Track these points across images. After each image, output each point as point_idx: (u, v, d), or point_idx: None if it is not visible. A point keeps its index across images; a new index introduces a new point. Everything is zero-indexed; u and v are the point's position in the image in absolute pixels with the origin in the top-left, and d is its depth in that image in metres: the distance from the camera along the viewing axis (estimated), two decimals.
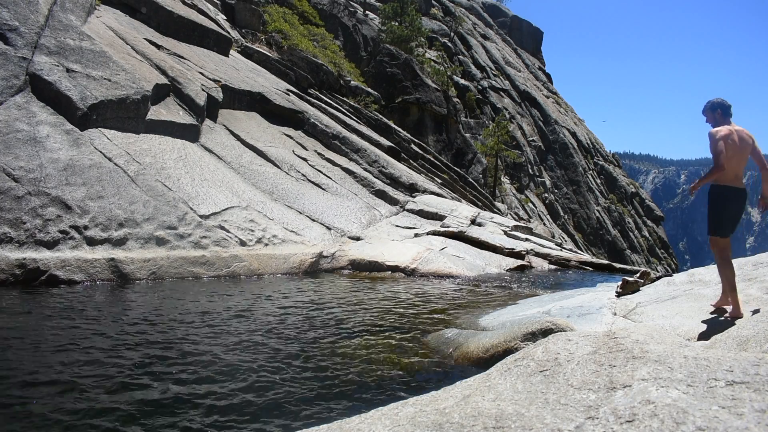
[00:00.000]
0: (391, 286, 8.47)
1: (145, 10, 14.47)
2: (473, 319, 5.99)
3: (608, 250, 40.19)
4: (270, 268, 8.75)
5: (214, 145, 11.61)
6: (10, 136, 7.66)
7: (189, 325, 5.39)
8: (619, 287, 6.17)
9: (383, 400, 3.47)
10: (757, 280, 5.06)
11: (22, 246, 6.78)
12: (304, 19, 25.98)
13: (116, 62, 10.34)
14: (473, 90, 39.44)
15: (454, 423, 1.92)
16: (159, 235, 8.05)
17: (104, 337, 4.77)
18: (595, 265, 12.76)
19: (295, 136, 14.76)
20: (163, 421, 3.19)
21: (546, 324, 4.45)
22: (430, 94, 28.74)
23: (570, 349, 2.42)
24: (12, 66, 8.47)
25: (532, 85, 50.10)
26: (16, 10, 9.16)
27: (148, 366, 4.09)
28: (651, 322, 4.64)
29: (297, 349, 4.76)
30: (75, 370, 3.92)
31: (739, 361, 1.88)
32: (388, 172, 15.37)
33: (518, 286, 9.05)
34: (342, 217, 11.57)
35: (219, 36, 16.76)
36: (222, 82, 13.70)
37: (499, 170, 34.73)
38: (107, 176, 8.28)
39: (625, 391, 1.87)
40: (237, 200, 9.81)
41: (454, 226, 12.66)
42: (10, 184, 7.12)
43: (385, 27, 31.90)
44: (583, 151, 46.63)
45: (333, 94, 21.67)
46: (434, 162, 22.67)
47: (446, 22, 45.86)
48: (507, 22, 62.33)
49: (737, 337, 3.13)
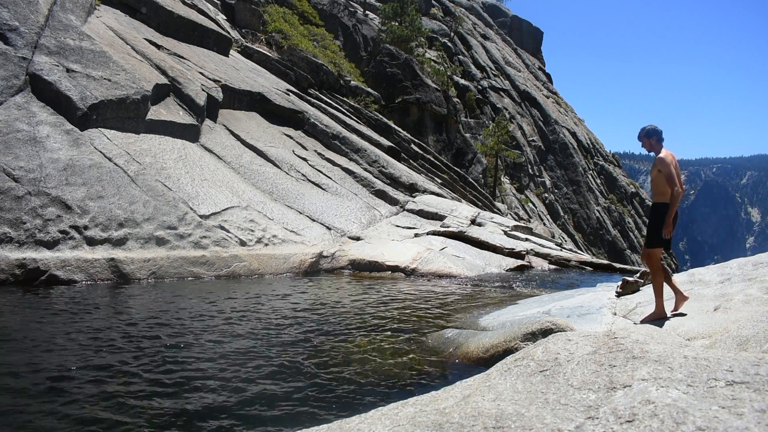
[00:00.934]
0: (391, 286, 8.47)
1: (145, 10, 14.47)
2: (473, 319, 5.99)
3: (608, 250, 40.20)
4: (270, 268, 8.75)
5: (214, 145, 11.61)
6: (10, 136, 7.66)
7: (188, 324, 5.40)
8: (619, 287, 6.17)
9: (383, 400, 3.47)
10: (757, 280, 5.06)
11: (22, 246, 6.78)
12: (304, 19, 25.98)
13: (116, 62, 10.34)
14: (473, 90, 39.44)
15: (454, 423, 1.92)
16: (159, 235, 8.05)
17: (104, 337, 4.77)
18: (595, 265, 12.76)
19: (295, 136, 14.76)
20: (162, 421, 3.19)
21: (546, 324, 4.45)
22: (430, 94, 28.74)
23: (570, 349, 2.42)
24: (12, 66, 8.47)
25: (532, 85, 50.10)
26: (16, 10, 9.16)
27: (148, 366, 4.09)
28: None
29: (296, 349, 4.76)
30: (73, 369, 3.92)
31: (739, 361, 1.88)
32: (388, 172, 15.37)
33: (518, 286, 9.05)
34: (342, 217, 11.57)
35: (219, 36, 16.76)
36: (222, 82, 13.70)
37: (499, 170, 34.74)
38: (107, 176, 8.28)
39: (625, 391, 1.87)
40: (237, 200, 9.80)
41: (454, 226, 12.66)
42: (10, 184, 7.12)
43: (385, 27, 31.90)
44: (583, 151, 46.63)
45: (333, 94, 21.67)
46: (434, 162, 22.67)
47: (446, 22, 45.86)
48: (507, 22, 62.33)
49: (737, 337, 3.13)
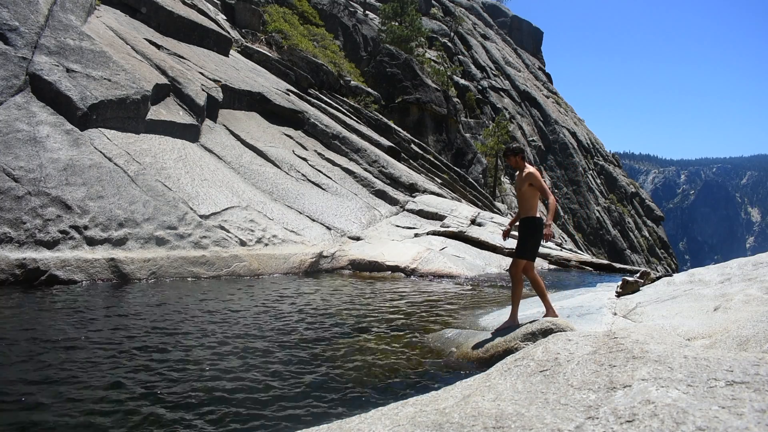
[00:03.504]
0: (391, 286, 8.47)
1: (145, 10, 14.47)
2: (473, 319, 5.99)
3: (608, 250, 40.21)
4: (270, 268, 8.75)
5: (214, 145, 11.61)
6: (10, 136, 7.66)
7: (188, 324, 5.39)
8: (619, 287, 6.18)
9: (383, 400, 3.46)
10: (757, 280, 5.06)
11: (22, 246, 6.78)
12: (304, 19, 25.98)
13: (116, 62, 10.33)
14: (473, 90, 39.45)
15: (454, 423, 1.92)
16: (159, 235, 8.05)
17: (102, 337, 4.76)
18: (595, 265, 12.75)
19: (295, 136, 14.76)
20: (162, 421, 3.19)
21: (546, 324, 4.45)
22: (430, 94, 28.73)
23: (570, 349, 2.41)
24: (12, 66, 8.47)
25: (532, 85, 50.11)
26: (16, 10, 9.16)
27: (146, 365, 4.09)
28: (651, 322, 4.64)
29: (296, 349, 4.76)
30: (71, 368, 3.91)
31: (739, 361, 1.88)
32: (388, 172, 15.37)
33: None
34: (342, 217, 11.57)
35: (219, 36, 16.76)
36: (222, 82, 13.70)
37: (499, 170, 34.74)
38: (107, 176, 8.28)
39: (625, 391, 1.87)
40: (237, 200, 9.80)
41: (454, 226, 12.65)
42: (10, 184, 7.12)
43: (385, 27, 31.90)
44: (583, 151, 46.63)
45: (333, 94, 21.67)
46: (434, 162, 22.67)
47: (446, 22, 45.86)
48: (507, 22, 62.36)
49: (737, 337, 3.13)
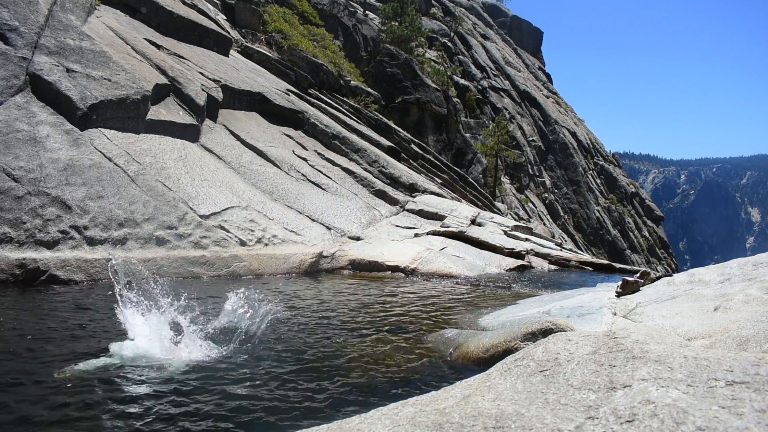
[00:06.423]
0: (391, 286, 8.47)
1: (145, 10, 14.47)
2: (473, 319, 5.99)
3: (608, 250, 40.21)
4: (270, 268, 8.75)
5: (214, 145, 11.61)
6: (10, 136, 7.66)
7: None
8: (619, 287, 6.17)
9: (383, 400, 3.47)
10: (757, 280, 5.06)
11: (22, 246, 6.78)
12: (304, 19, 25.98)
13: (116, 62, 10.33)
14: (473, 90, 39.45)
15: (454, 423, 1.92)
16: (159, 235, 8.05)
17: (102, 336, 4.76)
18: (595, 265, 12.76)
19: (295, 136, 14.76)
20: (162, 421, 3.19)
21: (546, 324, 4.45)
22: (430, 94, 28.74)
23: (570, 349, 2.41)
24: (12, 66, 8.47)
25: (532, 85, 50.11)
26: (16, 10, 9.16)
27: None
28: (651, 322, 4.63)
29: (295, 349, 4.76)
30: (72, 369, 3.91)
31: (739, 361, 1.88)
32: (388, 172, 15.37)
33: (518, 286, 9.04)
34: (342, 217, 11.57)
35: (219, 36, 16.76)
36: (222, 82, 13.70)
37: (499, 170, 34.74)
38: (107, 176, 8.28)
39: (625, 391, 1.87)
40: (237, 200, 9.80)
41: (454, 226, 12.65)
42: (10, 184, 7.12)
43: (385, 27, 31.91)
44: (583, 151, 46.63)
45: (333, 94, 21.67)
46: (434, 162, 22.67)
47: (446, 22, 45.86)
48: (507, 22, 62.36)
49: (737, 337, 3.12)
